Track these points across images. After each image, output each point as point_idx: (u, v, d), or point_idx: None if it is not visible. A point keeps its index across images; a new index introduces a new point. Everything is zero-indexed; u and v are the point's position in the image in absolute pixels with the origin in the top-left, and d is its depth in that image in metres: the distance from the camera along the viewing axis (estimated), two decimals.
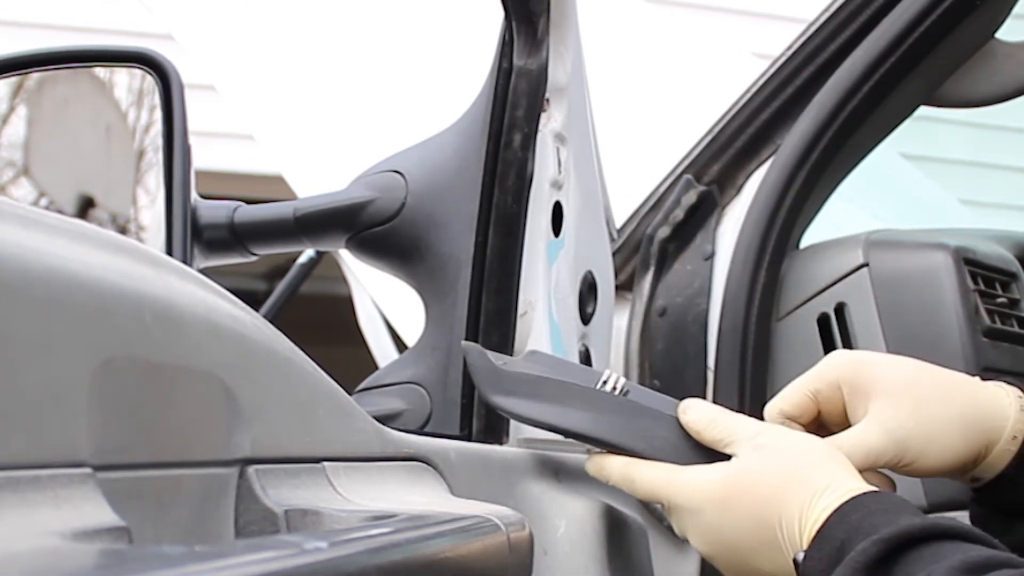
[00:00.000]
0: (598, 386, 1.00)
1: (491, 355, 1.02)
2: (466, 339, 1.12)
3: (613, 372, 1.02)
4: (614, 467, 0.98)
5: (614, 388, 0.99)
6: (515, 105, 1.14)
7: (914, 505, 0.90)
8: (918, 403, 0.98)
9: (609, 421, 0.98)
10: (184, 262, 1.08)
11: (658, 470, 0.97)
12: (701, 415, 0.97)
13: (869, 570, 0.82)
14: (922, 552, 0.82)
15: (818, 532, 0.88)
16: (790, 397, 1.01)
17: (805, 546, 0.89)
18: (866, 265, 1.45)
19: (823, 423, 1.01)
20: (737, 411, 0.99)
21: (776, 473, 0.92)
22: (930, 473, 0.99)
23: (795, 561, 0.89)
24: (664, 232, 1.52)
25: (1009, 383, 1.01)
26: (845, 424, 1.00)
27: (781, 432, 0.96)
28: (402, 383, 1.14)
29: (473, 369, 1.01)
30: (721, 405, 1.00)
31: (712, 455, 0.96)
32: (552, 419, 0.99)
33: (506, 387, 1.00)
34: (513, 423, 1.12)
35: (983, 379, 1.01)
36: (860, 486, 0.90)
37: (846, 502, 0.88)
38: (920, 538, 0.83)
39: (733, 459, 0.94)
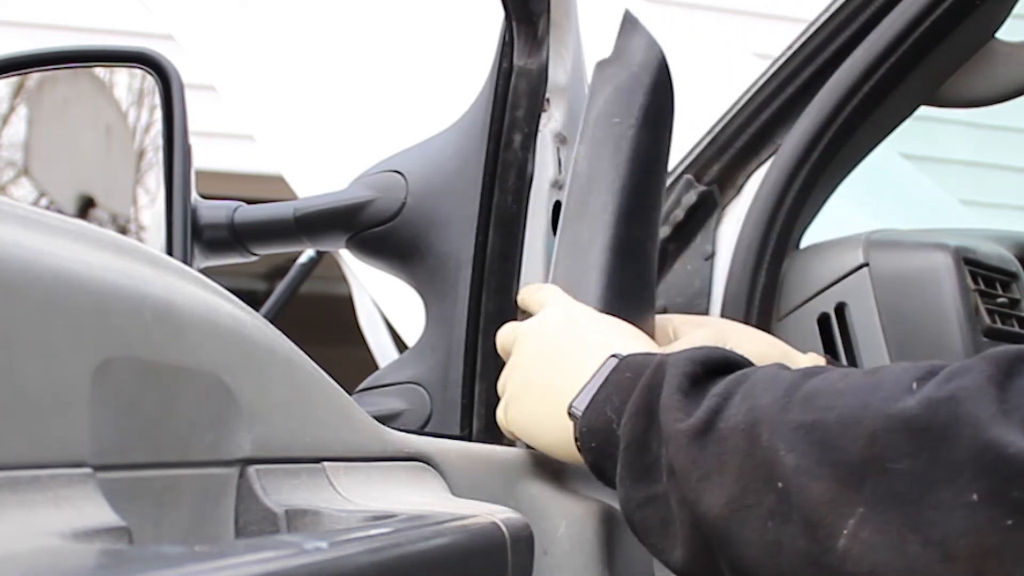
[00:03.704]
0: None
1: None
2: (466, 339, 1.12)
3: None
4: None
5: None
6: (515, 105, 1.14)
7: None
8: None
9: None
10: (184, 262, 1.08)
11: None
12: (522, 294, 1.11)
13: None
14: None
15: (598, 372, 0.93)
16: None
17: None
18: (866, 265, 1.45)
19: None
20: None
21: (562, 332, 1.00)
22: None
23: (571, 411, 0.93)
24: (664, 232, 1.52)
25: None
26: None
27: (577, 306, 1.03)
28: (402, 383, 1.14)
29: None
30: None
31: None
32: None
33: None
34: None
35: None
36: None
37: (632, 355, 0.93)
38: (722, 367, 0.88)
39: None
